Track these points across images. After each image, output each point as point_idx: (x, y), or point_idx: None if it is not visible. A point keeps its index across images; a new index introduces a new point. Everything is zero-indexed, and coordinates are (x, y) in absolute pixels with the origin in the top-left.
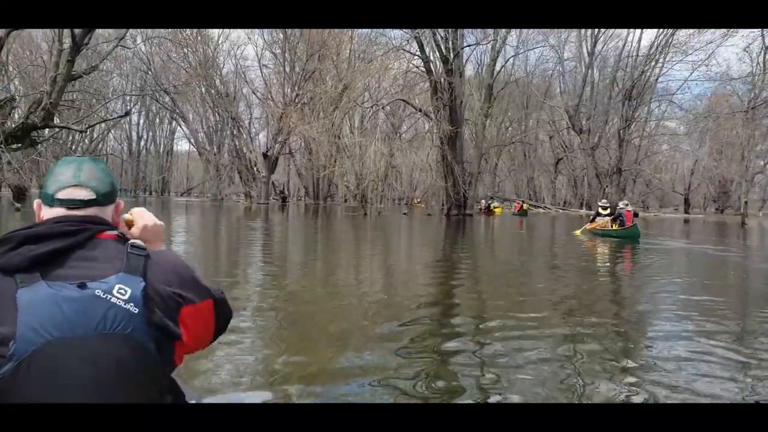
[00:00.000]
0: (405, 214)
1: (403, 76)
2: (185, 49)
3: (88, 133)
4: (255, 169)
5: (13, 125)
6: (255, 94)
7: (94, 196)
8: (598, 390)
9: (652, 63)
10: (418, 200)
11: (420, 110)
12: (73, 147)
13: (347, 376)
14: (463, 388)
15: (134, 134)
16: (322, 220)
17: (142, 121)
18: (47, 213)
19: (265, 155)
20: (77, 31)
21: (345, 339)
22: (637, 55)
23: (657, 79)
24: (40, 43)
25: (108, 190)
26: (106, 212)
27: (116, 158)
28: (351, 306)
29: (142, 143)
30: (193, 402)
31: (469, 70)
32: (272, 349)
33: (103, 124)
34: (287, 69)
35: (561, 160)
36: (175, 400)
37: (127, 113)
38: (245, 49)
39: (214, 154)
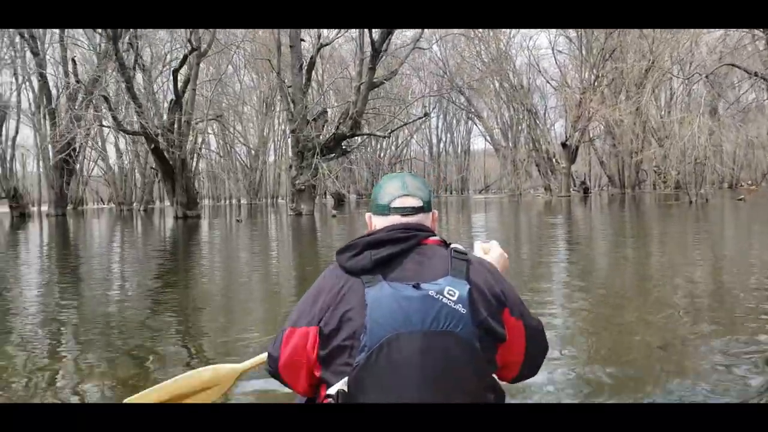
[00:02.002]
0: (741, 199)
1: (722, 40)
2: (478, 47)
3: (392, 139)
4: (553, 160)
5: (327, 136)
6: (549, 83)
7: (421, 204)
8: None
9: None
10: (750, 183)
11: (756, 74)
12: (381, 154)
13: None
14: None
15: (434, 137)
16: (632, 210)
17: (440, 124)
18: (382, 222)
19: (563, 145)
20: (376, 37)
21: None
22: None
23: None
24: (345, 56)
25: (429, 199)
26: (428, 219)
27: (419, 161)
28: (674, 316)
29: (441, 145)
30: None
31: None
32: (584, 355)
33: (405, 130)
34: (584, 52)
35: None
36: (497, 399)
37: (426, 115)
38: (538, 39)
39: (510, 150)
